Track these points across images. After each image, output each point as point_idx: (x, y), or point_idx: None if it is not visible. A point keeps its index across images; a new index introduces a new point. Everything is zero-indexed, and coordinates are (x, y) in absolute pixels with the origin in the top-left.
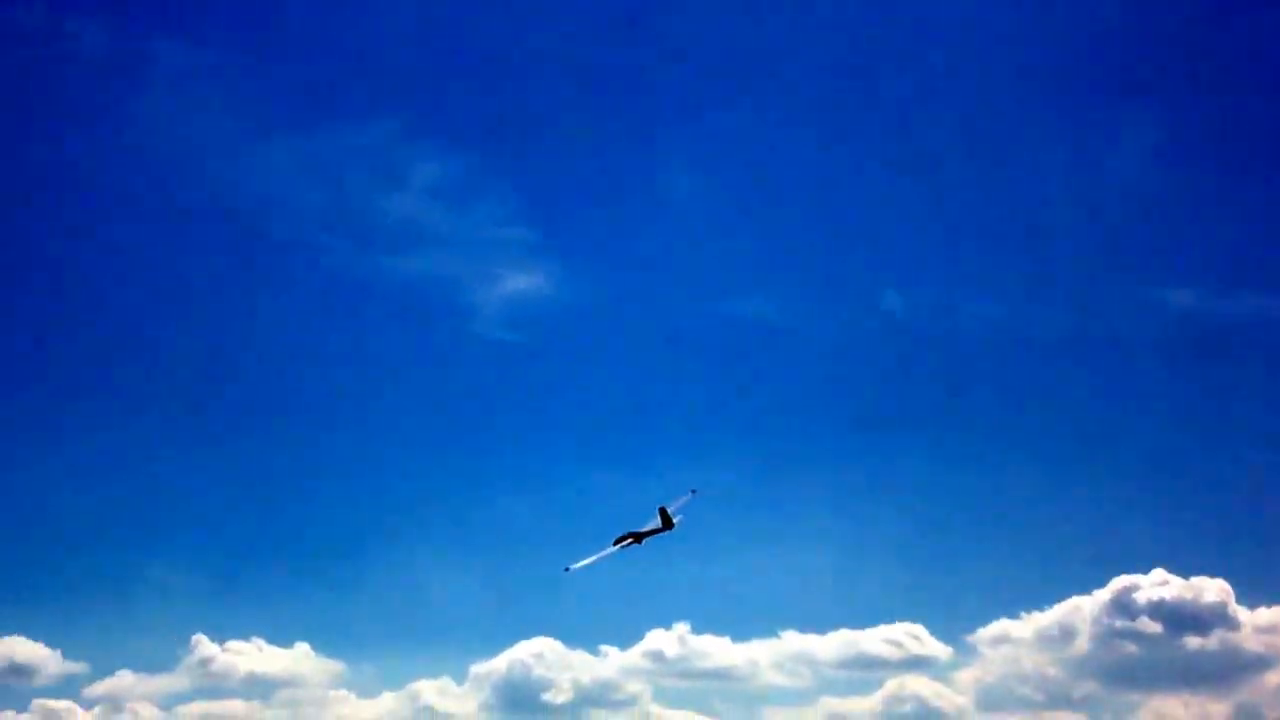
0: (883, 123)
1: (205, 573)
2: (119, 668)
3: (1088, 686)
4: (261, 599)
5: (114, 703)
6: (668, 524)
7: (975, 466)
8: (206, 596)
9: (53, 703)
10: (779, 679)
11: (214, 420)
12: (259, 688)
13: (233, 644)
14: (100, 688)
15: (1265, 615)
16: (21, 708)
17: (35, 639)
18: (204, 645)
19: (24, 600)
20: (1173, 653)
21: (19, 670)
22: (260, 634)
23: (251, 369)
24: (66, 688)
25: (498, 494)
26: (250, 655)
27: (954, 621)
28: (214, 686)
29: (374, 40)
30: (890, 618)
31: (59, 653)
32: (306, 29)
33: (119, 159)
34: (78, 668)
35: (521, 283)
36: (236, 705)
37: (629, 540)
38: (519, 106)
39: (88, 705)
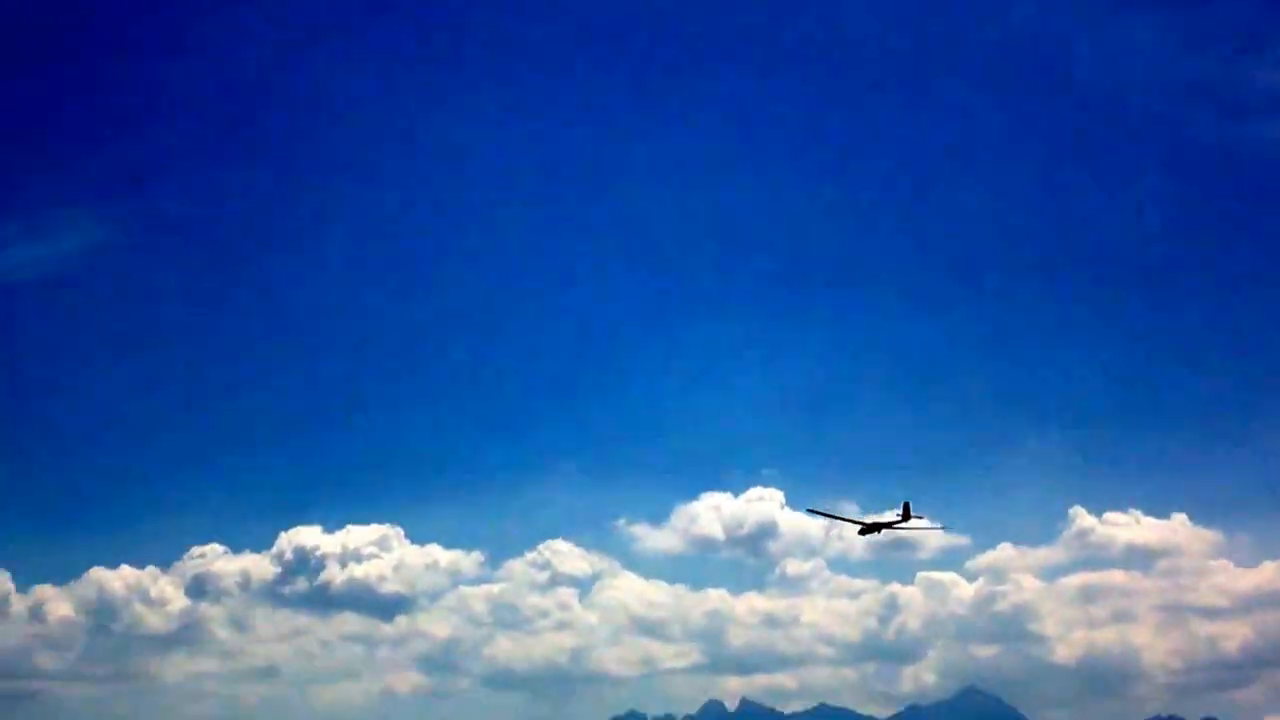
0: None
1: (1080, 445)
2: (1000, 540)
3: None
4: (1139, 470)
5: (996, 574)
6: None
7: None
8: (1082, 469)
9: (936, 574)
10: None
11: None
12: (1138, 558)
13: (1110, 515)
14: (983, 560)
15: None
16: (906, 579)
17: (918, 513)
18: (1082, 517)
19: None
20: None
21: (903, 543)
22: (1137, 505)
23: None
24: (948, 559)
25: None
26: (1128, 526)
27: None
28: (1092, 557)
29: None
30: None
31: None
32: None
33: None
34: (960, 540)
35: None
36: (1116, 575)
37: None
38: None
39: (971, 577)
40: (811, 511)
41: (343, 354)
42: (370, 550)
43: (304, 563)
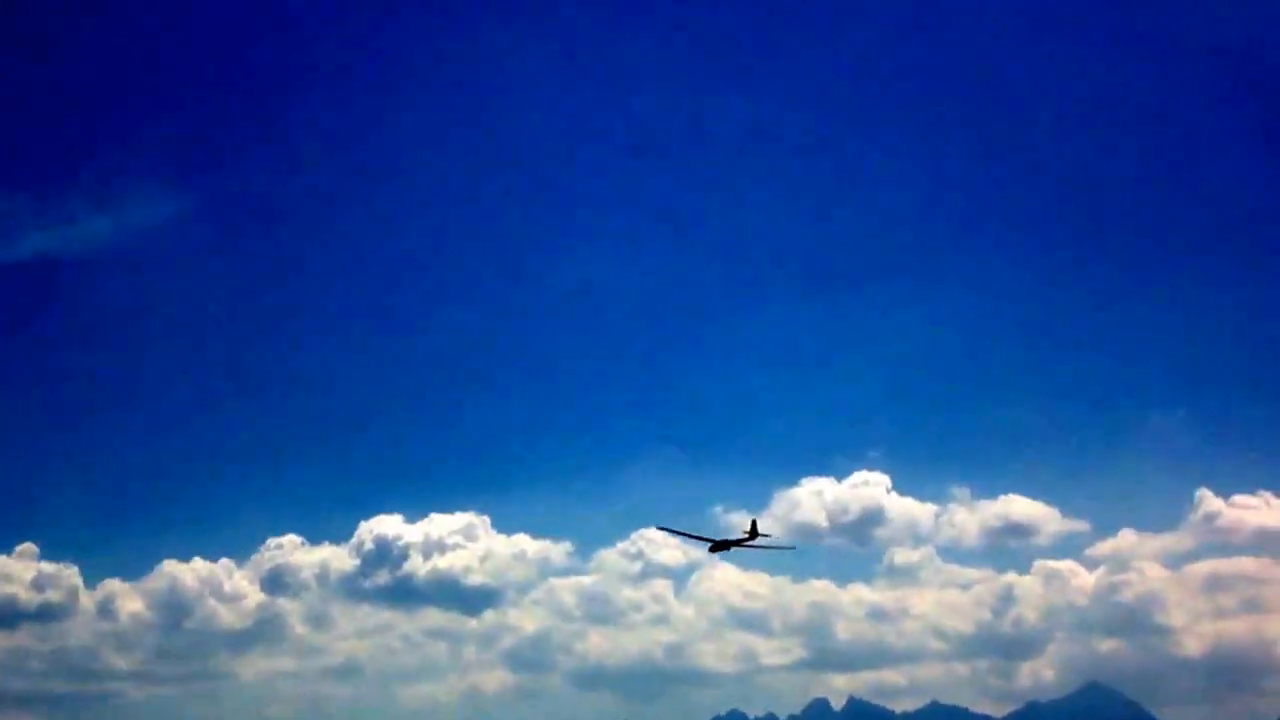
0: None
1: (1206, 424)
2: (1121, 527)
3: None
4: (1270, 449)
5: (1117, 562)
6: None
7: None
8: (1208, 449)
9: (1053, 563)
10: None
11: None
12: (1270, 543)
13: (1239, 498)
14: (1103, 548)
15: None
16: (1022, 569)
17: (1034, 498)
18: (1208, 500)
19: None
20: None
21: (1018, 530)
22: (1267, 487)
23: None
24: (1066, 547)
25: None
26: (1258, 510)
27: None
28: (1220, 543)
29: None
30: None
31: (1057, 511)
32: None
33: None
34: (1079, 526)
35: None
36: (1246, 563)
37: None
38: None
39: (1091, 566)
40: (662, 529)
41: (426, 337)
42: (455, 540)
43: (385, 554)
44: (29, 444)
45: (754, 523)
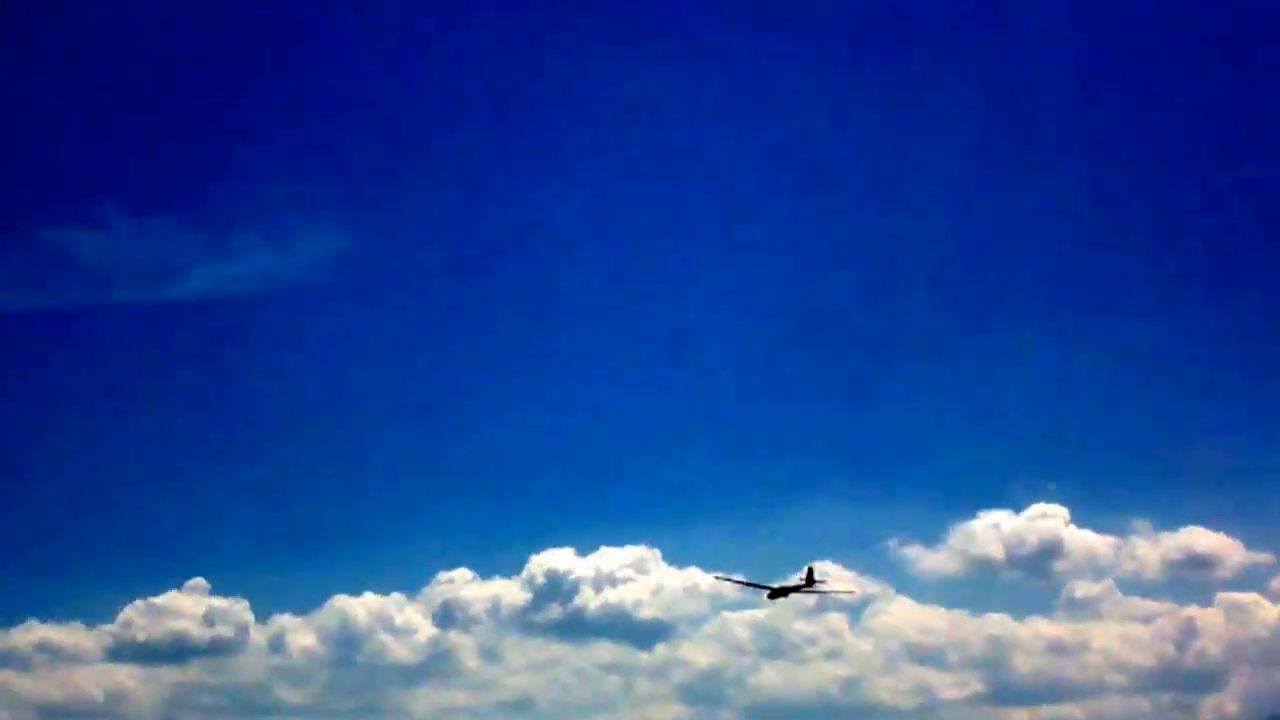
0: None
1: None
2: None
3: None
4: None
5: None
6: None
7: None
8: None
9: (1237, 595)
10: None
11: None
12: None
13: None
14: None
15: None
16: (1205, 601)
17: (1217, 529)
18: None
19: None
20: None
21: (1200, 562)
22: None
23: None
24: (1250, 579)
25: None
26: None
27: None
28: None
29: None
30: None
31: (1241, 543)
32: None
33: None
34: (1263, 558)
35: None
36: None
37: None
38: None
39: (1276, 599)
40: (720, 578)
41: (597, 368)
42: (626, 574)
43: (556, 588)
44: (199, 480)
45: (809, 569)
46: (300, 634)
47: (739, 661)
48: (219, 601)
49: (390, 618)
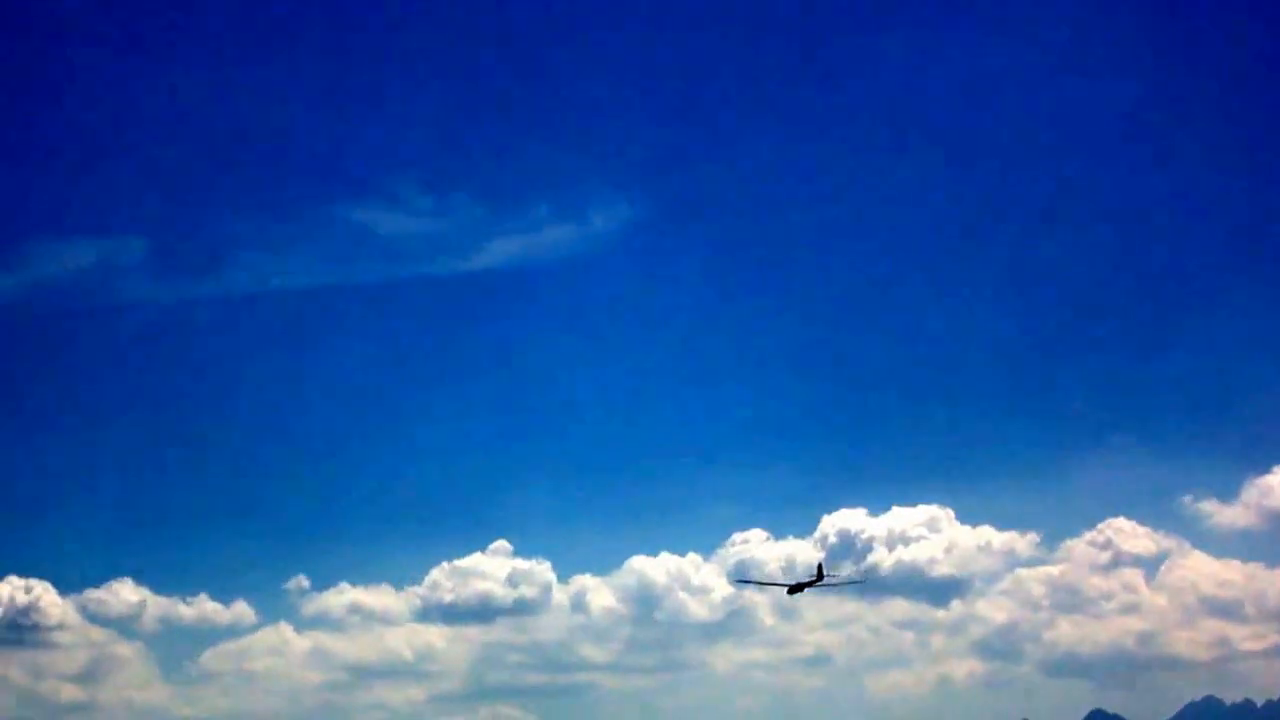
0: None
1: None
2: None
3: None
4: None
5: None
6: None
7: None
8: None
9: None
10: None
11: None
12: None
13: None
14: None
15: None
16: None
17: None
18: None
19: None
20: None
21: None
22: None
23: None
24: None
25: None
26: None
27: None
28: None
29: None
30: None
31: None
32: None
33: None
34: None
35: None
36: None
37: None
38: None
39: None
40: (739, 582)
41: (882, 333)
42: (918, 532)
43: (848, 547)
44: (501, 447)
45: (820, 565)
46: (600, 593)
47: (1034, 617)
48: (522, 563)
49: (687, 577)
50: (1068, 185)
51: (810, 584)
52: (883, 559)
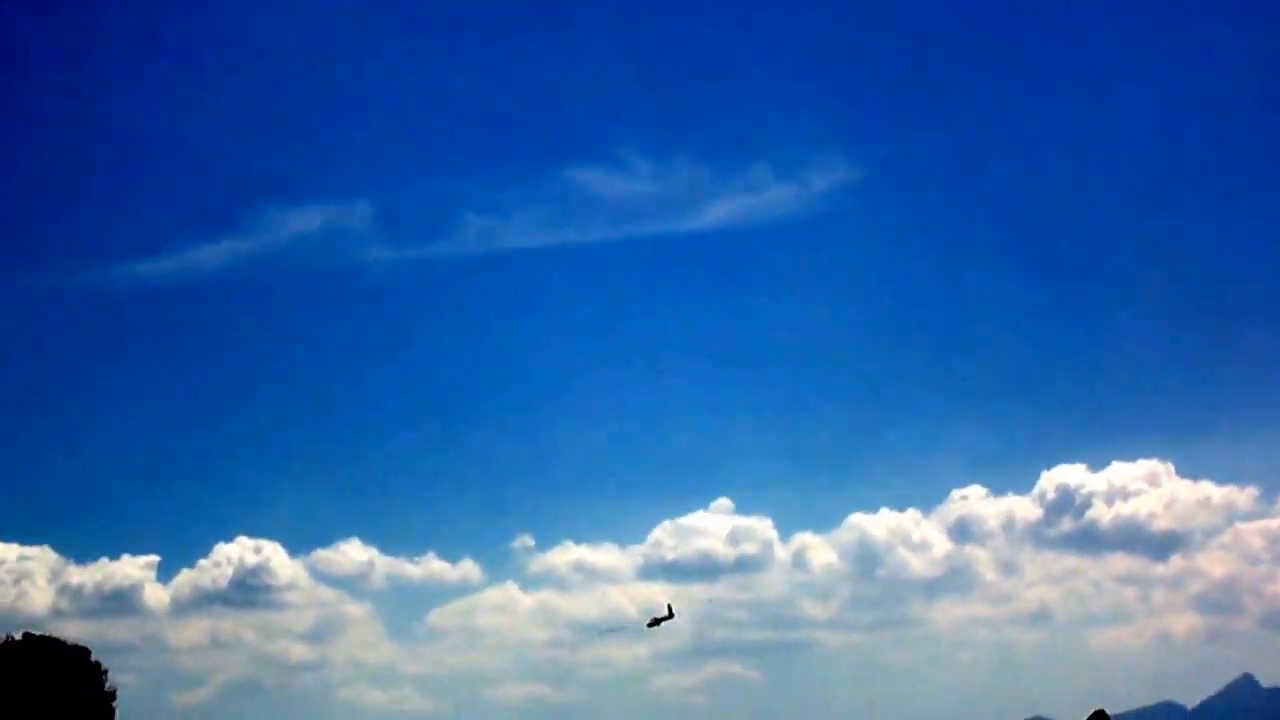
0: None
1: None
2: None
3: None
4: None
5: None
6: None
7: None
8: None
9: None
10: None
11: None
12: None
13: None
14: None
15: None
16: None
17: None
18: None
19: None
20: None
21: None
22: None
23: None
24: None
25: None
26: None
27: None
28: None
29: None
30: None
31: None
32: None
33: None
34: None
35: None
36: None
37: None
38: None
39: None
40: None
41: (1100, 284)
42: (1138, 487)
43: (1068, 502)
44: (723, 405)
45: (669, 605)
46: (821, 550)
47: (1255, 571)
48: (743, 520)
49: (907, 534)
50: None
51: (666, 619)
52: (1102, 514)
